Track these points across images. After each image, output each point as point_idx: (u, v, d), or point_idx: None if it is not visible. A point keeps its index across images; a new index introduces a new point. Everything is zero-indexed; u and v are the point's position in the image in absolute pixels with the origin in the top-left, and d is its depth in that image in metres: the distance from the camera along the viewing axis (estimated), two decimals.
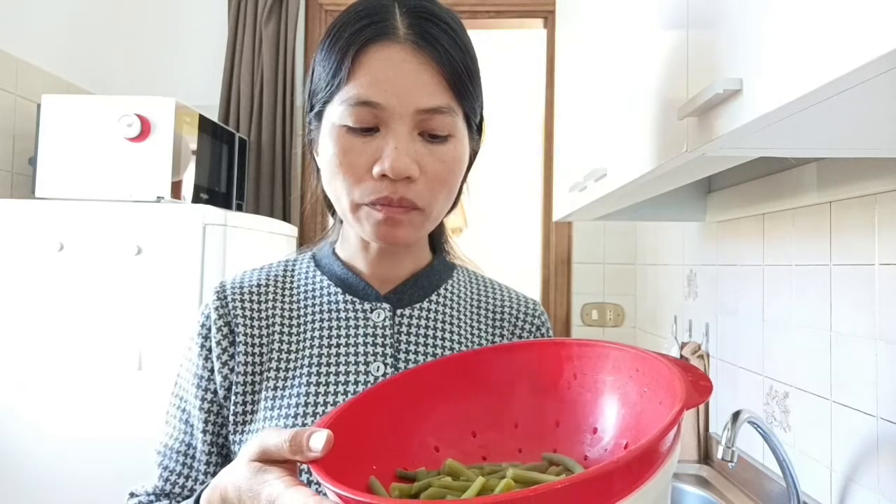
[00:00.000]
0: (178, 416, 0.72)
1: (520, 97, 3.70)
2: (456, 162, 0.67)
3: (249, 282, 0.75)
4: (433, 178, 0.65)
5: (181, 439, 0.71)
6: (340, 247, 0.77)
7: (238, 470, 0.50)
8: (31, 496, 1.61)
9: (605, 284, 2.48)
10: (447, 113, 0.65)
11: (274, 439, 0.48)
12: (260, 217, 1.98)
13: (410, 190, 0.64)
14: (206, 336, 0.72)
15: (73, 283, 1.63)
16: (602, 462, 0.49)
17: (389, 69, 0.63)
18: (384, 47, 0.63)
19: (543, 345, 0.56)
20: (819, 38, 0.48)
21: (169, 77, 2.47)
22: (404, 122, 0.63)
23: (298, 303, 0.73)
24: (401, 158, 0.62)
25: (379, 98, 0.62)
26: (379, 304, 0.72)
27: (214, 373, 0.70)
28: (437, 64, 0.64)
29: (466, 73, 0.66)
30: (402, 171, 0.62)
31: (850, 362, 1.06)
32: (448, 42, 0.65)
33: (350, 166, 0.64)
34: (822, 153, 0.91)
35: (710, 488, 1.49)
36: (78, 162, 1.77)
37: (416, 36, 0.64)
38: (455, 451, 0.52)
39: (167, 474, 0.70)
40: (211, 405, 0.70)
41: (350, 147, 0.64)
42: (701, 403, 0.44)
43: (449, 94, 0.65)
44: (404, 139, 0.63)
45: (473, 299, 0.78)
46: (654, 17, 0.94)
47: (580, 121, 1.53)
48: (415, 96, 0.63)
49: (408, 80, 0.63)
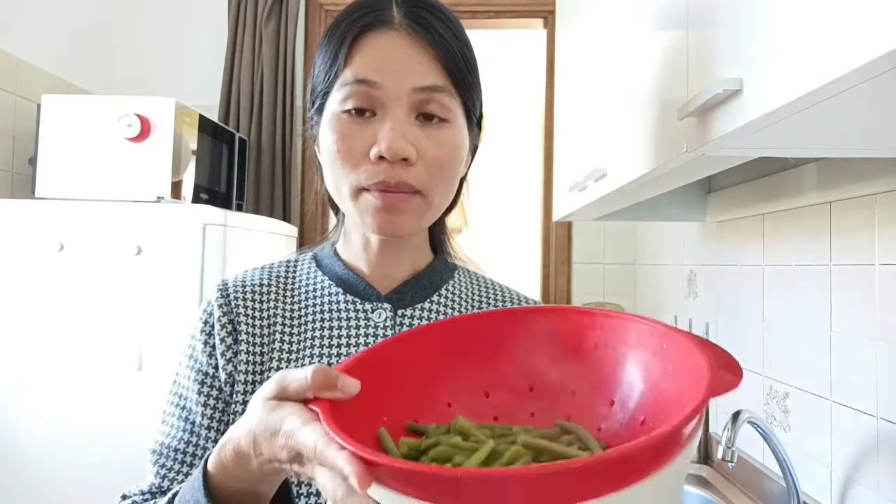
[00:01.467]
0: (178, 414, 0.71)
1: (520, 97, 3.70)
2: (455, 148, 0.68)
3: (252, 280, 0.75)
4: (432, 163, 0.66)
5: (180, 437, 0.70)
6: (342, 247, 0.77)
7: (253, 411, 0.49)
8: (31, 496, 1.61)
9: (605, 284, 2.48)
10: (444, 92, 0.65)
11: (295, 374, 0.47)
12: (260, 217, 1.98)
13: (409, 173, 0.64)
14: (209, 333, 0.71)
15: (73, 284, 1.63)
16: (616, 435, 0.47)
17: (385, 52, 0.64)
18: (380, 34, 0.65)
19: (568, 311, 0.54)
20: (819, 39, 0.48)
21: (169, 77, 2.47)
22: (401, 105, 0.64)
23: (300, 302, 0.74)
24: (397, 139, 0.63)
25: (375, 76, 0.64)
26: (380, 304, 0.72)
27: (219, 369, 0.70)
28: (432, 48, 0.65)
29: (463, 61, 0.67)
30: (398, 151, 0.63)
31: (850, 362, 1.06)
32: (443, 28, 0.66)
33: (348, 151, 0.65)
34: (822, 153, 0.91)
35: (710, 488, 1.49)
36: (78, 162, 1.77)
37: (411, 21, 0.65)
38: (467, 409, 0.51)
39: (165, 472, 0.69)
40: (217, 402, 0.70)
41: (348, 133, 0.65)
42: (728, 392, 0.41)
43: (445, 78, 0.66)
44: (401, 121, 0.64)
45: (474, 300, 0.78)
46: (654, 18, 0.94)
47: (580, 121, 1.53)
48: (410, 76, 0.64)
49: (404, 62, 0.64)
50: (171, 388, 0.74)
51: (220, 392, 0.70)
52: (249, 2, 2.39)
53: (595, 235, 2.48)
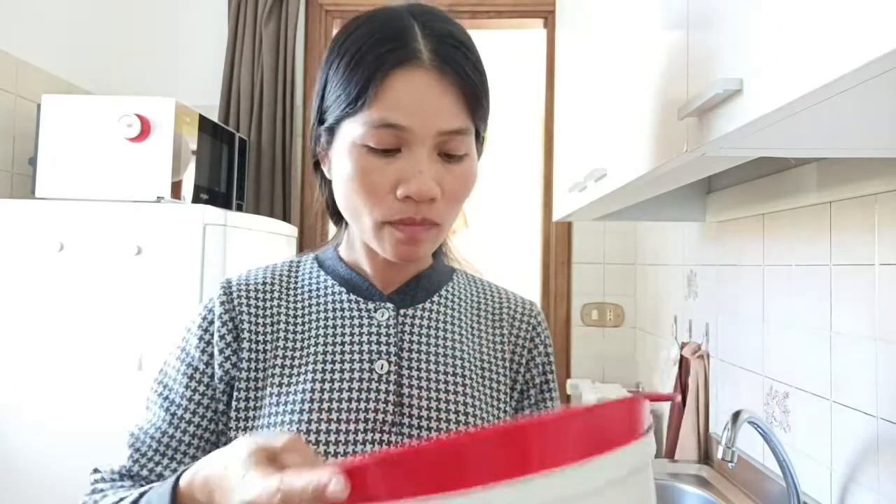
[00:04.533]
0: (160, 403, 0.72)
1: (520, 97, 3.70)
2: (472, 178, 0.69)
3: (255, 279, 0.76)
4: (451, 197, 0.67)
5: (158, 426, 0.71)
6: (345, 250, 0.78)
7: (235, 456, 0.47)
8: (31, 496, 1.61)
9: (605, 284, 2.48)
10: (466, 134, 0.66)
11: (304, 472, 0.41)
12: (260, 217, 1.98)
13: (432, 210, 0.66)
14: (205, 329, 0.73)
15: (73, 284, 1.63)
16: None
17: (415, 94, 0.64)
18: (409, 72, 0.64)
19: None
20: (819, 39, 0.48)
21: (169, 77, 2.47)
22: (425, 144, 0.65)
23: (303, 301, 0.75)
24: (426, 182, 0.64)
25: (404, 121, 0.63)
26: (383, 303, 0.73)
27: (213, 366, 0.71)
28: (459, 88, 0.65)
29: (484, 95, 0.68)
30: (426, 193, 0.64)
31: (850, 362, 1.06)
32: (469, 66, 0.66)
33: (372, 186, 0.65)
34: (822, 153, 0.91)
35: (710, 488, 1.49)
36: (78, 162, 1.77)
37: (440, 61, 0.65)
38: None
39: (137, 456, 0.70)
40: (202, 398, 0.71)
41: (371, 167, 0.65)
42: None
43: (468, 118, 0.66)
44: (426, 161, 0.64)
45: (473, 301, 0.79)
46: (655, 18, 0.94)
47: (580, 121, 1.53)
48: (438, 119, 0.64)
49: (433, 104, 0.64)
50: (158, 376, 0.75)
51: (208, 388, 0.71)
52: (249, 2, 2.38)
53: (595, 235, 2.48)
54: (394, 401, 0.69)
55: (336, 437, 0.66)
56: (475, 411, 0.70)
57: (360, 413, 0.67)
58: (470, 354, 0.74)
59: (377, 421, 0.67)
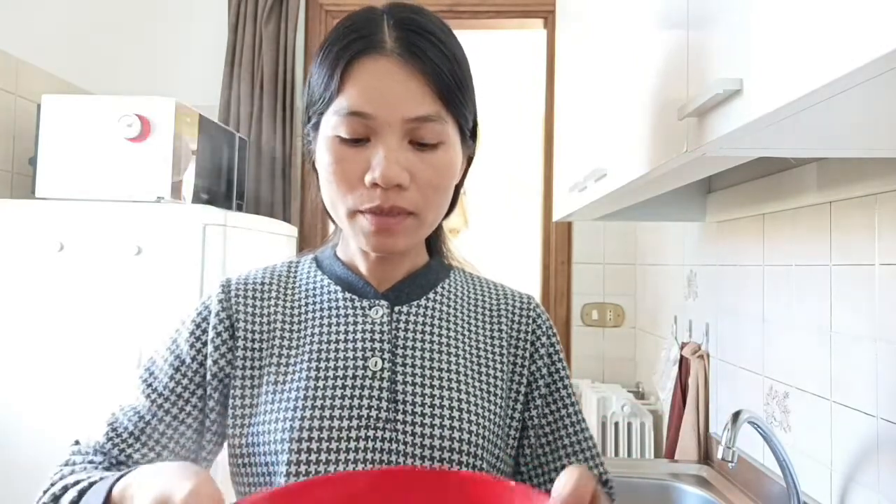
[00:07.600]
0: (143, 389, 0.74)
1: (520, 97, 3.71)
2: (447, 167, 0.69)
3: (254, 279, 0.77)
4: (425, 185, 0.67)
5: (137, 411, 0.73)
6: (341, 250, 0.79)
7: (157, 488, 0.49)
8: (31, 496, 1.61)
9: (605, 284, 2.48)
10: (436, 121, 0.67)
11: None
12: (260, 217, 1.98)
13: (402, 197, 0.66)
14: (199, 324, 0.74)
15: (74, 284, 1.63)
16: None
17: (377, 80, 0.65)
18: (372, 60, 0.65)
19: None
20: (819, 39, 0.48)
21: (169, 77, 2.47)
22: (394, 132, 0.65)
23: (299, 300, 0.76)
24: (391, 167, 0.64)
25: (368, 108, 0.65)
26: (377, 301, 0.74)
27: (203, 364, 0.72)
28: (423, 74, 0.66)
29: (455, 83, 0.68)
30: (391, 179, 0.64)
31: (850, 362, 1.06)
32: (435, 53, 0.67)
33: (343, 175, 0.67)
34: (822, 153, 0.91)
35: (710, 488, 1.49)
36: (78, 162, 1.77)
37: (402, 48, 0.66)
38: None
39: (113, 436, 0.73)
40: (184, 391, 0.72)
41: (343, 156, 0.67)
42: None
43: (438, 103, 0.67)
44: (394, 148, 0.65)
45: (470, 297, 0.80)
46: (654, 18, 0.94)
47: (580, 121, 1.53)
48: (403, 106, 0.65)
49: (395, 91, 0.65)
50: (146, 363, 0.76)
51: (191, 382, 0.73)
52: (249, 2, 2.38)
53: (595, 235, 2.48)
54: (388, 397, 0.69)
55: (330, 433, 0.67)
56: (469, 407, 0.70)
57: (353, 410, 0.68)
58: (465, 351, 0.74)
59: (371, 417, 0.68)
